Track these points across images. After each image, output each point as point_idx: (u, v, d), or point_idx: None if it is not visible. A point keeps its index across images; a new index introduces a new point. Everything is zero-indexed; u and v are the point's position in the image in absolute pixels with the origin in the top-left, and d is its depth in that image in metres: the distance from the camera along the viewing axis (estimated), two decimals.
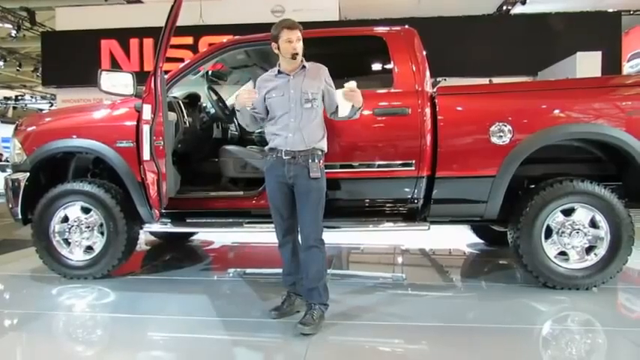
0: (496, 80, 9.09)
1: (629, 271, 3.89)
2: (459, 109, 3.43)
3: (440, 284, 3.87)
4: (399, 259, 4.80)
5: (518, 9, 12.12)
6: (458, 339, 2.69)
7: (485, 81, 8.90)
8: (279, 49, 2.82)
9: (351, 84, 2.70)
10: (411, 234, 4.80)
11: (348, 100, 2.74)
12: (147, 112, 3.15)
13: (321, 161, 2.84)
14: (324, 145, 2.89)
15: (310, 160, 2.77)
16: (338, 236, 2.98)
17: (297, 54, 2.78)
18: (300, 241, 2.87)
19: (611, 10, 11.53)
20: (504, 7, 12.51)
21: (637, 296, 3.54)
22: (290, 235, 2.93)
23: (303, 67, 2.85)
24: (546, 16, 11.08)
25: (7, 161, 13.34)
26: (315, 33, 3.48)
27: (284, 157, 2.79)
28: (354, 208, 3.64)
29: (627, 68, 12.03)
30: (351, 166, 3.41)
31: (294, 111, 2.79)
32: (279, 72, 2.88)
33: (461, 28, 10.72)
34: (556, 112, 3.35)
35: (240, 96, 2.82)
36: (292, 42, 2.77)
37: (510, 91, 3.66)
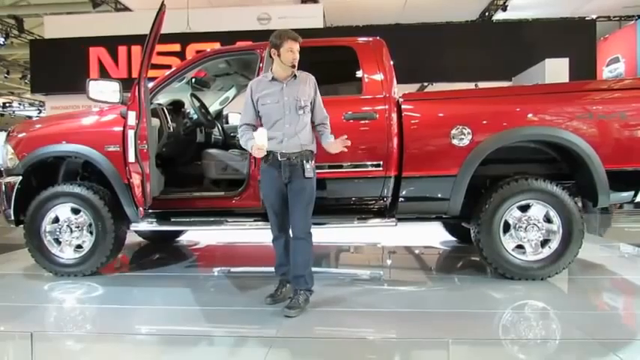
0: (482, 85, 9.32)
1: (580, 263, 4.14)
2: (423, 113, 3.70)
3: (414, 278, 4.11)
4: (378, 256, 5.05)
5: (499, 15, 12.49)
6: (422, 321, 2.98)
7: (470, 85, 9.20)
8: (278, 56, 3.04)
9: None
10: (388, 231, 5.04)
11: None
12: (132, 118, 3.40)
13: (313, 162, 3.10)
14: (314, 147, 3.14)
15: (305, 161, 3.02)
16: (315, 233, 3.22)
17: (296, 64, 3.03)
18: (291, 234, 3.12)
19: (588, 18, 11.95)
20: (487, 13, 12.89)
21: (585, 285, 3.83)
22: (284, 231, 3.18)
23: (295, 75, 3.08)
24: (522, 23, 11.46)
25: None
26: None
27: (280, 159, 3.03)
28: (330, 207, 3.86)
29: (606, 72, 12.42)
30: (326, 167, 3.60)
31: (289, 117, 3.02)
32: (273, 78, 3.09)
33: (444, 35, 11.03)
34: (511, 116, 3.64)
35: (255, 151, 3.02)
36: (294, 52, 3.02)
37: (470, 97, 3.97)
